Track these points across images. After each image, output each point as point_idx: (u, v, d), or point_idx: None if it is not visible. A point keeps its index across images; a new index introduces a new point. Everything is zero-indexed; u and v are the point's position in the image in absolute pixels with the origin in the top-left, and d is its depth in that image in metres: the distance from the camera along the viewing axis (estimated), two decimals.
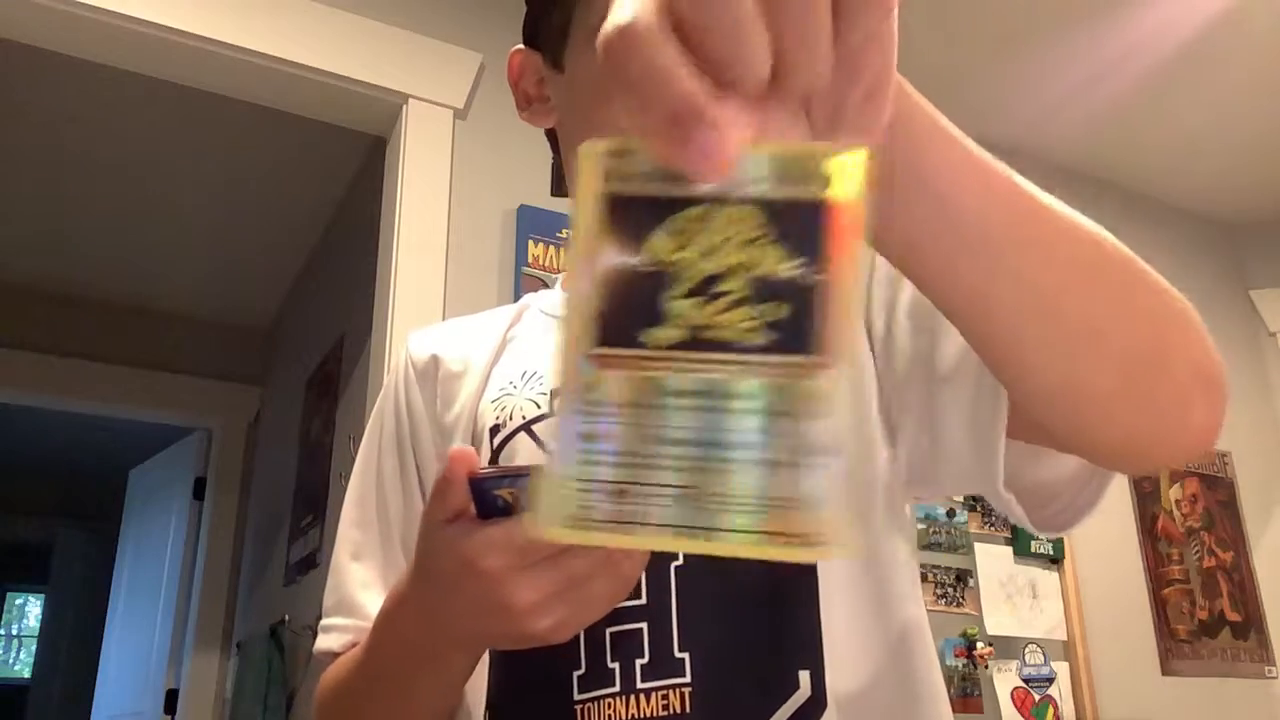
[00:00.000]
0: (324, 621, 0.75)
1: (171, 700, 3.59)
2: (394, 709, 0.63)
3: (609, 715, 0.60)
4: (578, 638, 0.61)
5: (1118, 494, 2.70)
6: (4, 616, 8.03)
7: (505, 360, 0.77)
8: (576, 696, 0.61)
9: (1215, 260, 3.21)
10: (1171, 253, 3.10)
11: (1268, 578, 2.83)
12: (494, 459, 0.70)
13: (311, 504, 2.72)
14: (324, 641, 0.74)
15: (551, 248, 2.06)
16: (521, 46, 0.79)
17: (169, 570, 3.84)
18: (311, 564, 2.62)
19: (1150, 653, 2.57)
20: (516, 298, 1.23)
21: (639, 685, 0.60)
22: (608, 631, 0.62)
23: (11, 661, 8.24)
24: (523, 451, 0.69)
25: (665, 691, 0.60)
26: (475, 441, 0.72)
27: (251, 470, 3.84)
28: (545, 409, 0.70)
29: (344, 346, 2.70)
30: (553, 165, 0.83)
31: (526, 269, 2.02)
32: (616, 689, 0.61)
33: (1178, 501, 2.78)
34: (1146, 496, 2.74)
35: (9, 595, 8.02)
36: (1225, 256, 3.24)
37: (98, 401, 3.86)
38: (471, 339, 0.80)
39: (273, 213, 3.28)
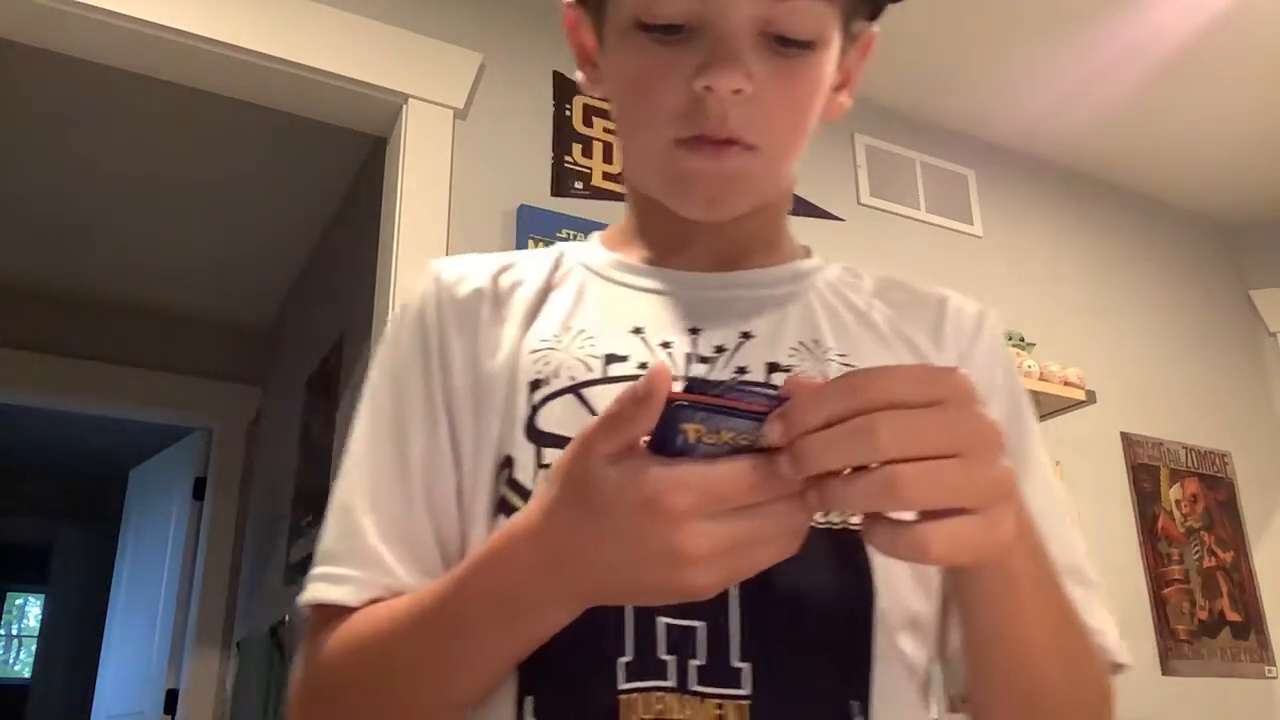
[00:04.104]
0: (327, 569, 0.64)
1: (171, 700, 3.58)
2: (463, 668, 0.56)
3: (660, 709, 0.56)
4: (623, 621, 0.58)
5: (1118, 494, 2.70)
6: (4, 616, 8.04)
7: (546, 310, 0.69)
8: (622, 685, 0.56)
9: (1215, 260, 3.21)
10: (1171, 253, 3.10)
11: (1268, 578, 2.83)
12: (532, 415, 0.63)
13: (311, 504, 2.71)
14: (332, 593, 0.63)
15: None
16: (572, 0, 0.72)
17: (169, 570, 3.84)
18: (312, 564, 2.61)
19: (1150, 653, 2.57)
20: None
21: (694, 686, 0.57)
22: (660, 621, 0.57)
23: (11, 661, 8.24)
24: (563, 412, 0.63)
25: (721, 701, 0.56)
26: (512, 393, 0.65)
27: (251, 470, 3.84)
28: (598, 372, 0.64)
29: (344, 346, 2.70)
30: (553, 165, 0.82)
31: None
32: (672, 684, 0.57)
33: (1178, 501, 2.78)
34: (1147, 496, 2.73)
35: (9, 595, 8.02)
36: (1225, 256, 3.24)
37: (98, 401, 3.86)
38: (511, 281, 0.72)
39: (273, 213, 3.28)
